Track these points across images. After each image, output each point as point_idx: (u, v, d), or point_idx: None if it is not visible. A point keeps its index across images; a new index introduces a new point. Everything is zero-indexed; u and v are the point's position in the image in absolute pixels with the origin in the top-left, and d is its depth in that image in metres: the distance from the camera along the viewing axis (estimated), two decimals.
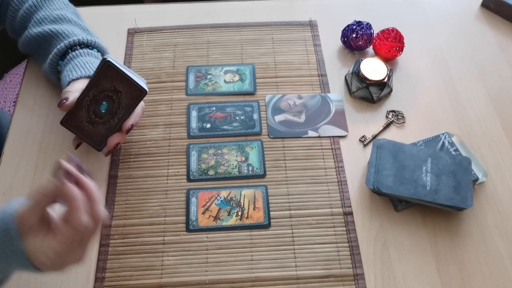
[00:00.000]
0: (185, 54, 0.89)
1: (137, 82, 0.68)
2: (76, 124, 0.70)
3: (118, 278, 0.66)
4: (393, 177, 0.70)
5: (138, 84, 0.68)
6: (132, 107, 0.70)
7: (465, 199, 0.68)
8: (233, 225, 0.70)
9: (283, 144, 0.79)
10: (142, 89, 0.68)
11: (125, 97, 0.69)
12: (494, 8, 0.97)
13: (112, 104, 0.69)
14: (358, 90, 0.83)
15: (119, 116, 0.70)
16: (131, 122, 0.70)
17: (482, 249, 0.69)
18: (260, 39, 0.92)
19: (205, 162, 0.76)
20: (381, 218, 0.71)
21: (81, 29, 0.80)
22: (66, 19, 0.79)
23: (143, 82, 0.71)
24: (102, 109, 0.69)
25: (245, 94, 0.84)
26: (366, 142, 0.79)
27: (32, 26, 0.79)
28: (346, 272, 0.66)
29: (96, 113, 0.69)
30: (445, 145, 0.76)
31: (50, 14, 0.79)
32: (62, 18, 0.79)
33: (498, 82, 0.87)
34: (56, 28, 0.77)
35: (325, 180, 0.75)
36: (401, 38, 0.86)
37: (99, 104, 0.69)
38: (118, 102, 0.69)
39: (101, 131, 0.70)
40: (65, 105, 0.68)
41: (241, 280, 0.66)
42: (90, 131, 0.70)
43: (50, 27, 0.77)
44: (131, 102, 0.69)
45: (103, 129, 0.70)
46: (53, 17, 0.79)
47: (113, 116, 0.69)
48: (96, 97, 0.68)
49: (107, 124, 0.70)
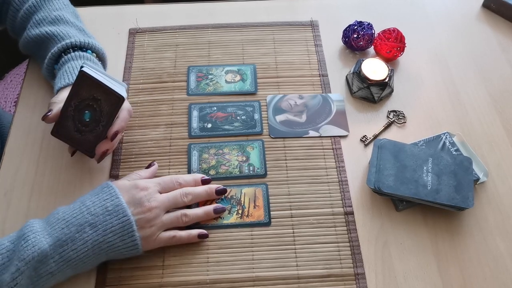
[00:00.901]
0: (186, 54, 0.89)
1: (112, 90, 0.68)
2: (65, 134, 0.70)
3: (120, 278, 0.66)
4: (394, 177, 0.70)
5: (114, 92, 0.68)
6: (113, 114, 0.70)
7: (466, 199, 0.68)
8: (234, 223, 0.70)
9: (284, 144, 0.79)
10: (119, 96, 0.68)
11: (105, 105, 0.69)
12: (495, 8, 0.97)
13: (95, 112, 0.69)
14: (359, 90, 0.83)
15: (103, 123, 0.70)
16: (115, 128, 0.70)
17: (483, 248, 0.69)
18: (261, 39, 0.92)
19: (206, 162, 0.76)
20: (382, 217, 0.71)
21: (78, 30, 0.79)
22: (63, 20, 0.79)
23: (122, 88, 0.71)
24: (86, 118, 0.69)
25: (246, 94, 0.84)
26: (367, 142, 0.79)
27: (30, 27, 0.79)
28: (347, 272, 0.66)
29: (81, 122, 0.69)
30: (446, 145, 0.77)
31: (48, 15, 0.79)
32: (60, 19, 0.79)
33: (499, 82, 0.87)
34: (52, 30, 0.77)
35: (326, 180, 0.75)
36: (402, 38, 0.86)
37: (82, 113, 0.69)
38: (99, 110, 0.69)
39: (90, 139, 0.70)
40: (49, 118, 0.69)
41: (242, 280, 0.66)
42: (80, 139, 0.70)
43: (47, 28, 0.77)
44: (111, 109, 0.69)
45: (91, 137, 0.70)
46: (51, 18, 0.79)
47: (97, 124, 0.69)
48: (78, 107, 0.68)
49: (94, 132, 0.70)
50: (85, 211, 0.62)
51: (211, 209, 0.69)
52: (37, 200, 0.72)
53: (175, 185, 0.69)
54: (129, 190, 0.65)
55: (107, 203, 0.63)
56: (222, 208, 0.70)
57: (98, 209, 0.62)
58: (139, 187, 0.65)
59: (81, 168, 0.75)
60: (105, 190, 0.64)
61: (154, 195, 0.66)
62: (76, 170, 0.75)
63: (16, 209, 0.71)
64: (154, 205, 0.64)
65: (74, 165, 0.75)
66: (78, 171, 0.75)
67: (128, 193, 0.64)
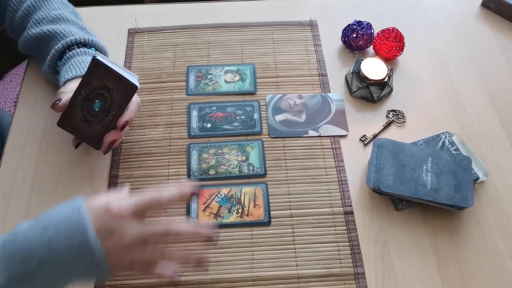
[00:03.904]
0: (186, 54, 0.89)
1: (126, 78, 0.68)
2: (72, 124, 0.70)
3: (119, 277, 0.66)
4: (393, 177, 0.70)
5: (127, 80, 0.68)
6: (124, 103, 0.70)
7: (465, 198, 0.69)
8: (234, 222, 0.70)
9: (284, 143, 0.79)
10: (132, 85, 0.68)
11: (117, 94, 0.69)
12: (494, 7, 0.97)
13: (105, 102, 0.69)
14: (359, 90, 0.83)
15: (113, 113, 0.70)
16: (125, 118, 0.70)
17: (482, 248, 0.69)
18: (261, 39, 0.92)
19: (206, 161, 0.76)
20: (381, 217, 0.71)
21: (79, 28, 0.80)
22: (64, 18, 0.79)
23: (134, 78, 0.71)
24: (95, 108, 0.69)
25: (245, 94, 0.84)
26: (367, 141, 0.79)
27: (30, 27, 0.79)
28: (347, 271, 0.66)
29: (90, 112, 0.69)
30: (446, 144, 0.77)
31: (48, 14, 0.79)
32: (60, 18, 0.79)
33: (498, 82, 0.87)
34: (54, 28, 0.77)
35: (325, 180, 0.75)
36: (401, 38, 0.87)
37: (92, 102, 0.69)
38: (110, 99, 0.69)
39: (97, 130, 0.70)
40: (58, 107, 0.68)
41: (242, 279, 0.66)
42: (87, 130, 0.70)
43: (48, 27, 0.77)
44: (122, 98, 0.69)
45: (99, 127, 0.70)
46: (51, 17, 0.79)
47: (107, 114, 0.70)
48: (88, 96, 0.68)
49: (102, 122, 0.70)
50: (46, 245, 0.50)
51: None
52: (37, 200, 0.72)
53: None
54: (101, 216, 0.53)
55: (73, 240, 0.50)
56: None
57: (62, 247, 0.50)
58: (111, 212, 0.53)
59: (81, 168, 0.75)
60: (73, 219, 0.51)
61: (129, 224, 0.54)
62: (76, 170, 0.75)
63: (16, 209, 0.71)
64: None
65: (74, 165, 0.75)
66: (77, 171, 0.75)
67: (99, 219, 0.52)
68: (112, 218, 0.52)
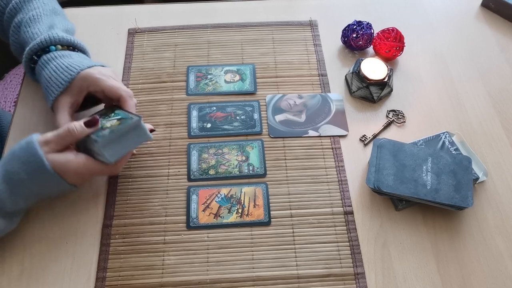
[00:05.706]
0: (186, 54, 0.89)
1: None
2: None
3: (119, 277, 0.66)
4: (393, 177, 0.70)
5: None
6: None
7: (465, 198, 0.69)
8: (234, 222, 0.70)
9: (284, 143, 0.79)
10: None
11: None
12: (494, 7, 0.97)
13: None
14: (359, 90, 0.83)
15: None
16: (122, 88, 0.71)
17: (482, 248, 0.69)
18: (261, 39, 0.92)
19: (206, 161, 0.76)
20: (381, 217, 0.71)
21: (46, 25, 0.76)
22: (36, 19, 0.76)
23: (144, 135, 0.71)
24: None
25: (245, 94, 0.84)
26: (367, 141, 0.79)
27: (12, 32, 0.78)
28: (347, 271, 0.66)
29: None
30: (446, 144, 0.77)
31: (24, 16, 0.76)
32: (33, 19, 0.76)
33: (498, 81, 0.87)
34: (26, 34, 0.75)
35: (325, 180, 0.75)
36: (401, 37, 0.87)
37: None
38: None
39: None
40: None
41: (242, 279, 0.66)
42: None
43: (22, 32, 0.75)
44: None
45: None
46: (26, 20, 0.76)
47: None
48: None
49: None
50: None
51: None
52: None
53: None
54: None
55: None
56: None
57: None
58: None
59: None
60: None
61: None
62: None
63: None
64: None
65: None
66: None
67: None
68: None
